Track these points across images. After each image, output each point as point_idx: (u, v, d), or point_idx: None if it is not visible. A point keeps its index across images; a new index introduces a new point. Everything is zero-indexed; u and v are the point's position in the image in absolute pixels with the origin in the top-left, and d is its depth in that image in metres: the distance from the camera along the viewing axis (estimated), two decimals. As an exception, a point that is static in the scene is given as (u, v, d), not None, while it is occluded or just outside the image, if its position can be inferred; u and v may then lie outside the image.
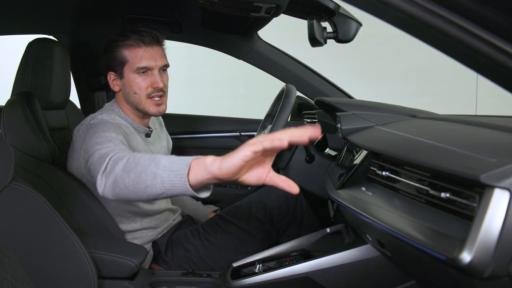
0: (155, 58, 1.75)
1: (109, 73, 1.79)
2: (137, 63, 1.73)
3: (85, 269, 1.43)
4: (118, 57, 1.75)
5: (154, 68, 1.75)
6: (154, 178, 1.18)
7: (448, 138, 1.12)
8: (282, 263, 1.69)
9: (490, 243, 0.77)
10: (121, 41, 1.73)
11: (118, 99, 1.84)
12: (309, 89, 2.52)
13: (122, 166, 1.26)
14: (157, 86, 1.74)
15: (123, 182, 1.24)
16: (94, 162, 1.44)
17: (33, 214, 1.39)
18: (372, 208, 1.15)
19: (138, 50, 1.73)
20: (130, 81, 1.75)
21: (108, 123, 1.63)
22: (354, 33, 1.82)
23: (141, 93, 1.75)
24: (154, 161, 1.20)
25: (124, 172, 1.24)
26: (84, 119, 1.74)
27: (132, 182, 1.22)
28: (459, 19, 0.84)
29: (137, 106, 1.78)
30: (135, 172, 1.22)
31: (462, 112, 4.05)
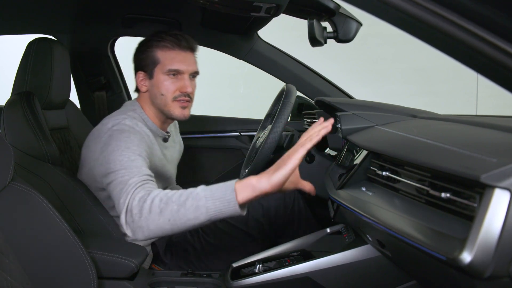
0: (187, 62, 1.74)
1: (138, 73, 1.79)
2: (169, 65, 1.72)
3: (84, 269, 1.43)
4: (151, 57, 1.74)
5: (185, 72, 1.74)
6: (197, 210, 1.27)
7: (449, 138, 1.12)
8: (282, 263, 1.68)
9: (491, 243, 0.77)
10: (156, 41, 1.73)
11: (142, 100, 1.82)
12: (309, 89, 2.51)
13: (149, 208, 1.32)
14: (186, 90, 1.74)
15: (156, 224, 1.31)
16: (115, 187, 1.47)
17: (32, 214, 1.39)
18: (372, 208, 1.15)
19: (172, 52, 1.73)
20: (159, 82, 1.74)
21: (132, 134, 1.61)
22: (354, 33, 1.82)
23: (168, 95, 1.74)
24: (191, 195, 1.29)
25: (155, 215, 1.31)
26: (105, 121, 1.72)
27: (168, 222, 1.29)
28: (460, 18, 0.84)
29: (162, 108, 1.76)
30: (170, 211, 1.29)
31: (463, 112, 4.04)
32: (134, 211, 1.35)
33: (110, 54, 2.68)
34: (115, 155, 1.53)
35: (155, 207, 1.32)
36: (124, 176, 1.46)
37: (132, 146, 1.55)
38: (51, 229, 1.41)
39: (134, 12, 2.23)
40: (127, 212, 1.37)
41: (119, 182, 1.46)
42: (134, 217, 1.34)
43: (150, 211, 1.32)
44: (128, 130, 1.62)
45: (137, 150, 1.55)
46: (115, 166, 1.50)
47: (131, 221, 1.35)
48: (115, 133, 1.60)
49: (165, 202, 1.31)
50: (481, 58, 0.85)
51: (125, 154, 1.52)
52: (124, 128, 1.62)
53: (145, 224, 1.32)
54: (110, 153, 1.55)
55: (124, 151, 1.53)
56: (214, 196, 1.26)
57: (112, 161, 1.52)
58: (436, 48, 0.91)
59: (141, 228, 1.33)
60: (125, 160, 1.51)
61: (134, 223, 1.34)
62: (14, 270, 1.16)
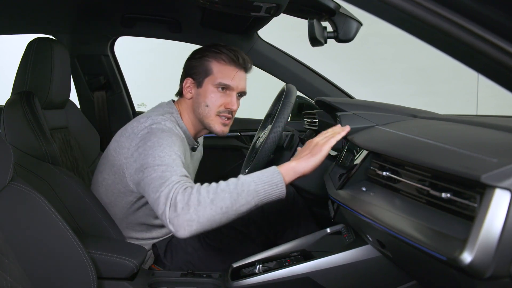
0: (238, 81, 1.75)
1: (186, 79, 1.78)
2: (221, 79, 1.72)
3: (84, 270, 1.43)
4: (204, 66, 1.74)
5: (234, 89, 1.75)
6: (248, 195, 1.34)
7: (449, 138, 1.12)
8: (282, 263, 1.68)
9: (491, 244, 0.77)
10: (213, 52, 1.74)
11: (182, 105, 1.81)
12: (309, 89, 2.51)
13: (197, 200, 1.32)
14: (231, 107, 1.75)
15: (207, 215, 1.33)
16: (152, 181, 1.44)
17: (32, 214, 1.39)
18: (373, 208, 1.15)
19: (227, 67, 1.73)
20: (207, 92, 1.74)
21: (174, 135, 1.61)
22: (354, 33, 1.82)
23: (212, 108, 1.74)
24: (239, 182, 1.36)
25: (206, 205, 1.32)
26: (142, 119, 1.70)
27: (221, 210, 1.33)
28: (460, 18, 0.84)
29: (202, 119, 1.76)
30: (222, 200, 1.33)
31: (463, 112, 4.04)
32: (180, 205, 1.33)
33: (110, 53, 2.68)
34: (156, 151, 1.51)
35: (204, 198, 1.32)
36: (165, 172, 1.44)
37: (174, 146, 1.55)
38: (51, 229, 1.41)
39: (134, 12, 2.23)
40: (170, 207, 1.35)
41: (159, 177, 1.43)
42: (180, 212, 1.32)
43: (200, 202, 1.32)
44: (169, 131, 1.61)
45: (178, 151, 1.55)
46: (155, 161, 1.48)
47: (175, 216, 1.33)
48: (155, 131, 1.60)
49: (213, 192, 1.33)
50: (481, 58, 0.85)
51: (167, 152, 1.51)
52: (165, 128, 1.62)
53: (195, 216, 1.32)
54: (150, 148, 1.53)
55: (166, 149, 1.52)
56: (263, 180, 1.35)
57: (151, 156, 1.51)
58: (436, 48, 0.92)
59: (190, 221, 1.32)
60: (167, 158, 1.49)
61: (180, 217, 1.32)
62: (14, 270, 1.16)
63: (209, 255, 1.81)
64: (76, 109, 2.26)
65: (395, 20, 0.93)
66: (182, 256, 1.82)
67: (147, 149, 1.54)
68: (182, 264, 1.81)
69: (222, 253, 1.81)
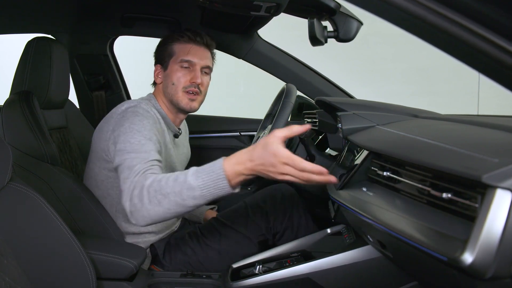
0: (200, 56, 1.83)
1: (156, 66, 1.89)
2: (183, 56, 1.82)
3: (83, 270, 1.43)
4: (168, 50, 1.85)
5: (196, 64, 1.82)
6: (194, 199, 1.36)
7: (450, 138, 1.11)
8: (283, 264, 1.68)
9: (492, 244, 0.77)
10: (176, 36, 1.85)
11: (156, 92, 1.90)
12: (309, 89, 2.51)
13: (148, 199, 1.38)
14: (195, 81, 1.81)
15: (156, 214, 1.39)
16: (122, 171, 1.52)
17: (31, 214, 1.38)
18: (373, 208, 1.15)
19: (186, 45, 1.83)
20: (172, 72, 1.83)
21: (145, 118, 1.67)
22: (355, 32, 1.81)
23: (178, 85, 1.82)
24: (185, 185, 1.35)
25: (154, 205, 1.38)
26: (119, 105, 1.77)
27: (169, 211, 1.38)
28: (461, 17, 0.84)
29: (172, 98, 1.84)
30: (168, 203, 1.36)
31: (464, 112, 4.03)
32: (135, 200, 1.40)
33: (109, 53, 2.68)
34: (127, 136, 1.59)
35: (153, 199, 1.38)
36: (133, 161, 1.51)
37: (144, 130, 1.61)
38: (50, 230, 1.41)
39: (134, 11, 2.22)
40: (130, 200, 1.42)
41: (127, 167, 1.51)
42: (135, 208, 1.40)
43: (150, 202, 1.38)
44: (142, 114, 1.67)
45: (148, 134, 1.61)
46: (125, 147, 1.56)
47: (134, 209, 1.40)
48: (128, 115, 1.66)
49: (161, 193, 1.37)
50: (483, 57, 0.85)
51: (136, 137, 1.58)
52: (138, 110, 1.68)
53: (147, 214, 1.39)
54: (122, 133, 1.61)
55: (136, 134, 1.59)
56: (209, 185, 1.34)
57: (122, 142, 1.59)
58: (437, 47, 0.92)
59: (144, 217, 1.40)
60: (136, 143, 1.56)
61: (135, 212, 1.40)
62: (13, 271, 1.15)
63: (207, 256, 1.81)
64: (75, 109, 2.26)
65: (396, 19, 0.93)
66: (180, 257, 1.82)
67: (120, 134, 1.62)
68: (180, 265, 1.81)
69: (221, 254, 1.81)
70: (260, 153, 1.31)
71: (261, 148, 1.31)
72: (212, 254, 1.81)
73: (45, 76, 1.87)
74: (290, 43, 2.77)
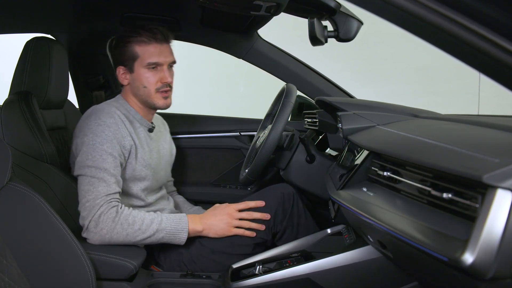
0: (165, 54, 1.83)
1: (118, 67, 1.86)
2: (148, 59, 1.80)
3: (83, 271, 1.42)
4: (129, 52, 1.81)
5: (163, 64, 1.83)
6: (157, 240, 1.69)
7: (450, 138, 1.11)
8: (283, 264, 1.68)
9: (493, 244, 0.76)
10: (133, 37, 1.81)
11: (125, 93, 1.90)
12: (309, 89, 2.50)
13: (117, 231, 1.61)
14: (166, 81, 1.83)
15: (118, 241, 1.63)
16: (82, 182, 1.65)
17: (31, 214, 1.38)
18: (373, 208, 1.14)
19: (149, 46, 1.81)
20: (140, 75, 1.82)
21: (109, 123, 1.72)
22: (355, 32, 1.81)
23: (150, 87, 1.82)
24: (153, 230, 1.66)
25: (120, 235, 1.62)
26: (88, 110, 1.83)
27: (129, 242, 1.65)
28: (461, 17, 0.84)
29: (145, 99, 1.84)
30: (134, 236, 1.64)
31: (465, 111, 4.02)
32: (100, 225, 1.59)
33: (109, 53, 2.67)
34: (89, 149, 1.67)
35: (120, 230, 1.61)
36: (94, 178, 1.63)
37: (106, 142, 1.68)
38: (49, 230, 1.41)
39: (133, 11, 2.21)
40: (91, 221, 1.60)
41: (87, 183, 1.64)
42: (99, 231, 1.60)
43: (116, 232, 1.60)
44: (104, 122, 1.72)
45: (109, 148, 1.68)
46: (87, 161, 1.66)
47: (93, 231, 1.60)
48: (91, 123, 1.72)
49: (131, 228, 1.62)
50: (483, 57, 0.85)
51: (97, 151, 1.67)
52: (101, 118, 1.73)
53: (108, 239, 1.61)
54: (85, 144, 1.69)
55: (97, 148, 1.67)
56: (172, 237, 1.70)
57: (84, 153, 1.67)
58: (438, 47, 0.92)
59: (102, 240, 1.61)
60: (97, 157, 1.66)
61: (96, 234, 1.60)
62: (12, 271, 1.15)
63: (201, 255, 1.80)
64: (74, 109, 2.26)
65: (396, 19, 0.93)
66: (174, 257, 1.81)
67: (82, 144, 1.70)
68: (175, 264, 1.81)
69: (216, 253, 1.80)
70: (213, 214, 1.81)
71: (212, 211, 1.84)
72: (207, 253, 1.81)
73: (44, 76, 1.87)
74: (290, 43, 2.76)
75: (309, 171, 1.94)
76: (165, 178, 2.04)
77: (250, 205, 1.82)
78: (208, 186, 2.59)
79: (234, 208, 1.80)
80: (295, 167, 1.95)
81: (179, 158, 2.57)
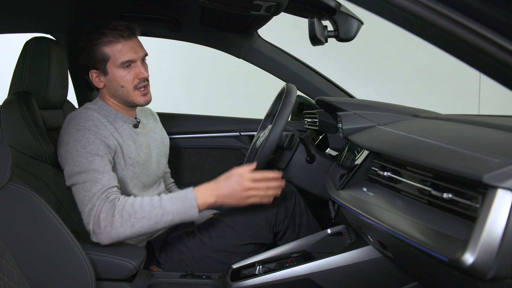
0: (135, 50, 1.78)
1: (90, 72, 1.80)
2: (120, 58, 1.75)
3: (83, 271, 1.42)
4: (99, 55, 1.75)
5: (136, 60, 1.78)
6: (165, 223, 1.58)
7: (451, 138, 1.11)
8: (283, 264, 1.68)
9: (493, 244, 0.77)
10: (99, 38, 1.74)
11: (102, 95, 1.86)
12: (309, 89, 2.50)
13: (120, 223, 1.53)
14: (143, 76, 1.79)
15: (126, 235, 1.56)
16: (78, 191, 1.60)
17: (30, 215, 1.38)
18: (374, 209, 1.14)
19: (118, 45, 1.75)
20: (115, 76, 1.77)
21: (88, 126, 1.68)
22: (355, 32, 1.80)
23: (128, 86, 1.78)
24: (156, 213, 1.56)
25: (126, 228, 1.54)
26: (67, 116, 1.76)
27: (138, 232, 1.57)
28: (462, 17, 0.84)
29: (125, 98, 1.80)
30: (141, 226, 1.55)
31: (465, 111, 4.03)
32: (103, 223, 1.53)
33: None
34: (74, 156, 1.63)
35: (125, 221, 1.54)
36: (86, 182, 1.58)
37: (89, 145, 1.64)
38: (49, 230, 1.40)
39: (133, 11, 2.21)
40: (94, 223, 1.54)
41: (82, 189, 1.59)
42: (103, 230, 1.53)
43: (121, 225, 1.53)
44: (83, 126, 1.67)
45: (93, 149, 1.64)
46: (75, 168, 1.61)
47: (99, 232, 1.54)
48: (71, 130, 1.67)
49: (135, 217, 1.54)
50: (484, 57, 0.85)
51: (83, 155, 1.62)
52: (79, 123, 1.69)
53: (116, 236, 1.54)
54: (69, 153, 1.64)
55: (82, 153, 1.62)
56: (180, 212, 1.58)
57: (71, 162, 1.63)
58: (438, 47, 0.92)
59: (111, 238, 1.55)
60: (84, 162, 1.61)
61: (103, 234, 1.54)
62: (11, 271, 1.15)
63: (203, 254, 1.80)
64: (74, 109, 2.25)
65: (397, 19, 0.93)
66: (176, 256, 1.81)
67: (66, 153, 1.65)
68: (176, 264, 1.81)
69: (217, 252, 1.80)
70: (225, 181, 1.63)
71: (225, 177, 1.64)
72: (208, 252, 1.80)
73: (44, 76, 1.86)
74: (290, 43, 2.76)
75: (309, 171, 1.94)
76: (159, 171, 1.99)
77: (268, 176, 1.65)
78: None
79: (250, 178, 1.62)
80: (295, 167, 1.95)
81: (178, 158, 2.57)
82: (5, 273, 1.12)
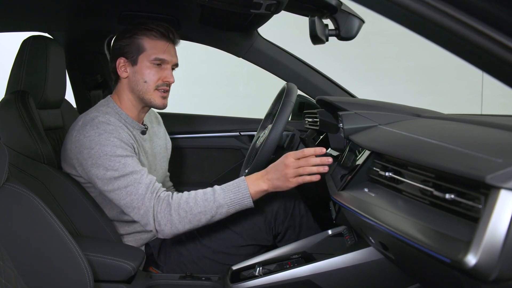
0: (172, 54, 1.81)
1: (118, 59, 1.80)
2: (157, 54, 1.77)
3: (81, 272, 1.42)
4: (136, 44, 1.77)
5: (169, 62, 1.80)
6: (221, 216, 1.63)
7: (453, 138, 1.11)
8: (283, 266, 1.67)
9: (496, 246, 0.76)
10: (144, 30, 1.78)
11: (119, 88, 1.85)
12: (310, 88, 2.49)
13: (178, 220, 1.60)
14: (168, 81, 1.80)
15: (185, 229, 1.62)
16: (123, 197, 1.62)
17: (27, 215, 1.37)
18: (375, 209, 1.14)
19: (160, 42, 1.78)
20: (143, 69, 1.78)
21: (108, 129, 1.66)
22: (356, 31, 1.80)
23: (151, 83, 1.78)
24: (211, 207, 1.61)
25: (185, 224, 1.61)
26: (76, 120, 1.76)
27: (196, 226, 1.63)
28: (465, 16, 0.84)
29: (143, 95, 1.80)
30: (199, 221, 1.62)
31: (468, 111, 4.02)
32: (163, 221, 1.59)
33: (107, 52, 2.66)
34: (104, 161, 1.62)
35: (183, 218, 1.59)
36: (128, 187, 1.61)
37: (116, 149, 1.64)
38: (46, 231, 1.40)
39: (132, 9, 2.21)
40: (155, 222, 1.60)
41: (125, 194, 1.61)
42: (164, 227, 1.60)
43: (180, 222, 1.59)
44: (104, 130, 1.66)
45: (121, 152, 1.65)
46: (112, 174, 1.62)
47: (161, 229, 1.61)
48: (91, 133, 1.66)
49: (191, 213, 1.59)
50: (487, 56, 0.85)
51: (113, 160, 1.63)
52: (99, 127, 1.67)
53: (176, 231, 1.61)
54: (97, 158, 1.63)
55: (112, 157, 1.63)
56: (235, 202, 1.62)
57: (103, 168, 1.62)
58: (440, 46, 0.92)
59: (173, 233, 1.62)
60: (118, 167, 1.62)
61: (165, 231, 1.61)
62: (8, 273, 1.15)
63: (202, 256, 1.80)
64: (72, 108, 2.25)
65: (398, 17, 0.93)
66: (175, 257, 1.81)
67: (94, 159, 1.64)
68: (174, 265, 1.80)
69: (216, 254, 1.80)
70: (272, 166, 1.64)
71: (272, 165, 1.64)
72: (207, 254, 1.80)
73: (41, 75, 1.85)
74: (291, 42, 2.75)
75: (309, 171, 1.93)
76: (161, 176, 2.02)
77: (309, 152, 1.59)
78: (208, 187, 2.59)
79: (293, 156, 1.59)
80: (295, 167, 1.94)
81: (178, 158, 2.57)
82: (2, 274, 1.11)
